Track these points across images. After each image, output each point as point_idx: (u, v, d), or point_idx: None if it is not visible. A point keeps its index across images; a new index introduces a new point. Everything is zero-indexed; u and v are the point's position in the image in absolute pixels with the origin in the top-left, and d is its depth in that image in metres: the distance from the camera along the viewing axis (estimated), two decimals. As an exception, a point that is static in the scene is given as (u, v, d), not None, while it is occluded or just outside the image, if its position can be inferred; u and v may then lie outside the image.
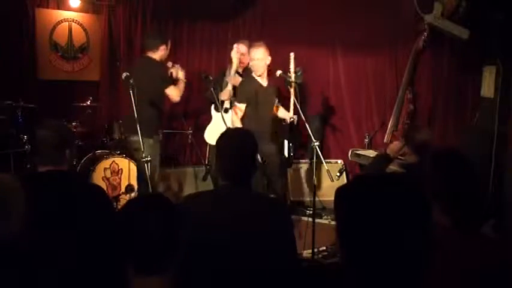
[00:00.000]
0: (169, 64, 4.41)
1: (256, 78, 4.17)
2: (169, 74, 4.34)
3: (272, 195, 4.22)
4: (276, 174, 4.24)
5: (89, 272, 1.96)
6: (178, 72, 4.38)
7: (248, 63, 4.46)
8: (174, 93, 4.23)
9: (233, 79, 4.46)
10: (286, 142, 4.19)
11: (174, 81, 4.33)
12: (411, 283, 1.05)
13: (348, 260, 1.08)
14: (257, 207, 1.98)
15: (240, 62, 4.55)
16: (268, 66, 4.20)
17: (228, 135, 2.17)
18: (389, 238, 1.02)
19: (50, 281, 1.91)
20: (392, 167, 4.50)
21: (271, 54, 4.21)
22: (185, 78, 4.38)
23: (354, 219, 1.07)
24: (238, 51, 4.49)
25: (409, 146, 2.89)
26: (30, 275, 1.84)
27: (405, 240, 1.03)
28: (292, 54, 4.12)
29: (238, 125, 4.05)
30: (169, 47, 4.39)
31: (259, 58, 4.11)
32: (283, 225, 1.95)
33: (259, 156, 3.98)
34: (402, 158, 3.45)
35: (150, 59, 4.29)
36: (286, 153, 4.20)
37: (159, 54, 4.30)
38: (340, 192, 1.13)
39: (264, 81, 4.20)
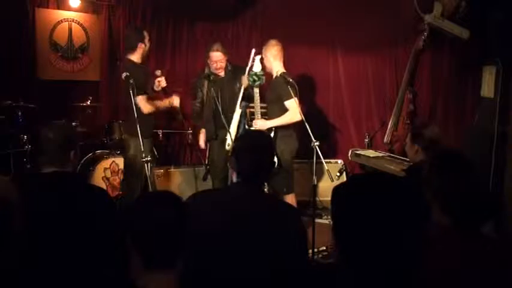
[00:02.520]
0: (158, 72, 4.17)
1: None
2: (144, 80, 4.08)
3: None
4: (276, 172, 4.27)
5: (89, 272, 1.96)
6: (161, 83, 4.14)
7: (226, 65, 4.46)
8: (142, 104, 3.97)
9: (243, 79, 4.37)
10: None
11: (154, 91, 4.18)
12: (406, 282, 1.05)
13: (344, 259, 1.09)
14: (267, 208, 1.99)
15: (217, 68, 4.42)
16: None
17: (247, 136, 2.18)
18: (385, 237, 1.02)
19: (51, 281, 1.91)
20: (396, 168, 4.51)
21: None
22: (174, 104, 4.26)
23: (350, 218, 1.07)
24: (210, 59, 4.38)
25: (419, 144, 2.87)
26: (31, 275, 1.84)
27: (400, 239, 1.03)
28: (258, 57, 4.20)
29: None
30: (147, 40, 4.12)
31: None
32: (292, 228, 1.94)
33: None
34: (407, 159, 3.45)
35: (128, 62, 4.11)
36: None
37: (139, 53, 4.11)
38: (336, 191, 1.13)
39: None
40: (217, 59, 4.38)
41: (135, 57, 4.11)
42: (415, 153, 2.88)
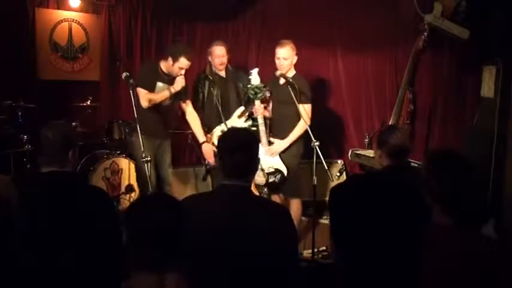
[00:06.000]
0: (182, 72, 4.17)
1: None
2: (150, 76, 4.13)
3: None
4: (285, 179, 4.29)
5: (89, 272, 1.96)
6: (178, 83, 4.13)
7: (227, 64, 4.48)
8: (140, 95, 4.02)
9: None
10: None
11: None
12: (405, 282, 1.05)
13: (341, 259, 1.09)
14: (258, 208, 1.98)
15: (221, 64, 4.44)
16: None
17: (231, 134, 2.17)
18: (382, 236, 1.02)
19: (51, 280, 1.91)
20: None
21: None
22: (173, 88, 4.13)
23: (347, 217, 1.07)
24: (214, 54, 4.40)
25: (382, 150, 2.80)
26: (30, 274, 1.84)
27: (398, 239, 1.03)
28: (255, 70, 4.23)
29: None
30: (177, 65, 4.07)
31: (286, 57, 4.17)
32: (282, 227, 1.93)
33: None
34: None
35: (152, 62, 4.27)
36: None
37: (165, 64, 4.15)
38: (334, 191, 1.14)
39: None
40: (221, 53, 4.42)
41: (163, 64, 4.19)
42: (379, 157, 2.83)
